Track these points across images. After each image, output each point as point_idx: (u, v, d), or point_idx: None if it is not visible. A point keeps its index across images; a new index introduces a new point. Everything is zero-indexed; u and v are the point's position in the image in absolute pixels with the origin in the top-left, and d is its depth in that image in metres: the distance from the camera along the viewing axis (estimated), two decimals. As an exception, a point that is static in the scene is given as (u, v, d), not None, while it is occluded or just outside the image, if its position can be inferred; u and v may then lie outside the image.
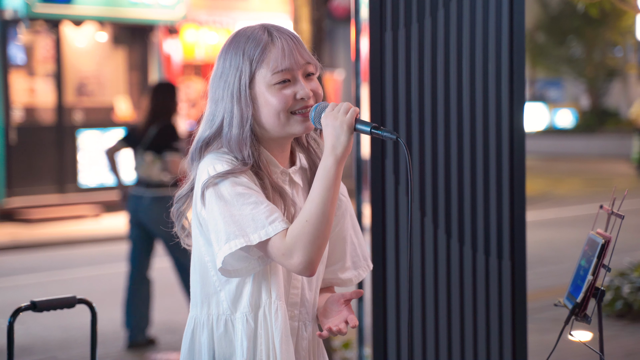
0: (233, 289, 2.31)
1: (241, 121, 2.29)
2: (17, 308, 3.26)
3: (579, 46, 32.40)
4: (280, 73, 2.28)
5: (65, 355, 6.84)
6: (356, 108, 2.24)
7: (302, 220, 2.19)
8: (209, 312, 2.33)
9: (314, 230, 2.18)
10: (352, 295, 2.39)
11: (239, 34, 2.34)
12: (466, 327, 3.62)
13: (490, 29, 3.60)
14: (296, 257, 2.18)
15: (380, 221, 3.60)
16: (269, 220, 2.19)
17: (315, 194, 2.20)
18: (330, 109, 2.24)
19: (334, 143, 2.21)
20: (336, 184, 2.22)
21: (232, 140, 2.29)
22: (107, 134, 15.25)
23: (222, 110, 2.31)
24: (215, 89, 2.34)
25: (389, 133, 2.22)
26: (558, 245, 11.54)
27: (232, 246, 2.19)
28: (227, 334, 2.32)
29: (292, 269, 2.21)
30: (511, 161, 3.59)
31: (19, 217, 13.90)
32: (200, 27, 16.48)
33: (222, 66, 2.33)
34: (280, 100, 2.28)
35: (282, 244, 2.18)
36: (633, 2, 9.67)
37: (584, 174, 21.95)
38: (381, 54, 3.61)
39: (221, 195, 2.22)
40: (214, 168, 2.25)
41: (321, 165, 2.22)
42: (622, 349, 6.58)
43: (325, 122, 2.23)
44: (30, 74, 14.80)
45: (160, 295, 9.00)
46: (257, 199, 2.22)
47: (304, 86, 2.30)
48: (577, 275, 2.77)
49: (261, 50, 2.28)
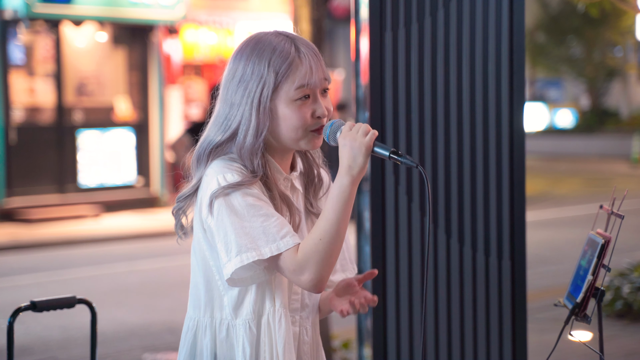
0: (235, 296, 2.30)
1: (257, 131, 2.27)
2: (17, 308, 3.26)
3: (579, 46, 32.41)
4: (302, 89, 2.28)
5: (65, 355, 6.84)
6: (375, 131, 2.24)
7: (315, 238, 2.19)
8: (212, 315, 2.33)
9: (327, 249, 2.18)
10: (365, 276, 2.40)
11: (263, 42, 2.31)
12: (466, 327, 3.62)
13: (490, 29, 3.60)
14: (307, 275, 2.18)
15: (380, 221, 3.60)
16: (280, 235, 2.19)
17: (329, 213, 2.20)
18: (348, 129, 2.24)
19: (351, 164, 2.20)
20: (350, 204, 2.21)
21: (245, 149, 2.27)
22: (107, 134, 15.26)
23: (238, 116, 2.29)
24: (231, 92, 2.31)
25: (409, 160, 2.22)
26: (558, 245, 11.54)
27: (244, 259, 2.19)
28: (229, 338, 2.31)
29: (301, 284, 2.21)
30: (511, 161, 3.59)
31: (19, 217, 13.90)
32: (200, 27, 16.48)
33: (243, 71, 2.30)
34: (300, 118, 2.28)
35: (293, 260, 2.18)
36: (633, 2, 9.67)
37: (584, 174, 21.96)
38: (381, 54, 3.60)
39: (232, 205, 2.21)
40: (224, 177, 2.23)
41: (336, 185, 2.22)
42: (622, 349, 6.58)
43: (343, 142, 2.22)
44: (30, 74, 14.80)
45: (160, 295, 9.00)
46: (267, 211, 2.22)
47: (321, 105, 2.30)
48: (577, 275, 2.77)
49: (288, 64, 2.27)
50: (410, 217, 3.59)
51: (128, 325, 7.69)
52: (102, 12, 14.83)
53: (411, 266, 3.60)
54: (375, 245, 3.61)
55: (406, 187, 3.59)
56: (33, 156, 14.35)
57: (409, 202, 3.59)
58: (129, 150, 15.53)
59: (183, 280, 9.60)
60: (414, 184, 3.60)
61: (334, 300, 2.43)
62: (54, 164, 14.61)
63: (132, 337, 7.31)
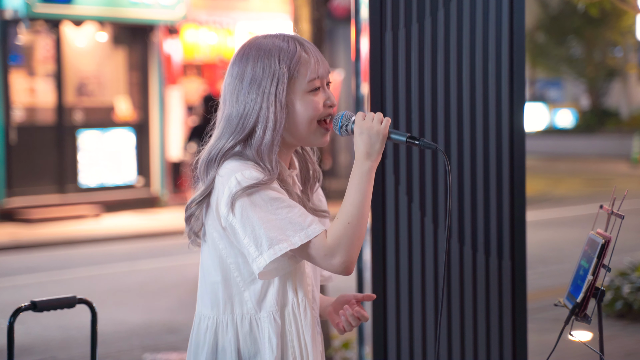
0: (258, 289, 2.36)
1: (275, 127, 2.34)
2: (17, 308, 3.26)
3: (579, 46, 32.40)
4: (314, 81, 2.37)
5: (65, 355, 6.84)
6: (389, 118, 2.36)
7: (343, 222, 2.27)
8: (232, 312, 2.38)
9: (356, 231, 2.27)
10: (364, 297, 2.49)
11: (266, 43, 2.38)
12: (466, 327, 3.62)
13: (490, 29, 3.60)
14: (339, 257, 2.26)
15: (380, 221, 3.60)
16: (306, 223, 2.27)
17: (354, 198, 2.29)
18: (362, 118, 2.34)
19: (369, 150, 2.31)
20: (370, 188, 2.31)
21: (264, 146, 2.33)
22: (107, 134, 15.26)
23: (254, 115, 2.34)
24: (243, 94, 2.36)
25: (428, 143, 2.34)
26: (558, 245, 11.54)
27: (277, 251, 2.25)
28: (252, 332, 2.37)
29: (332, 269, 2.28)
30: (511, 161, 3.59)
31: (19, 217, 13.90)
32: (200, 27, 16.47)
33: (252, 71, 2.35)
34: (315, 107, 2.37)
35: (324, 245, 2.26)
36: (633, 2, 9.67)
37: (584, 174, 21.96)
38: (381, 54, 3.61)
39: (255, 201, 2.27)
40: (243, 175, 2.29)
41: (357, 171, 2.31)
42: (622, 349, 6.58)
43: (360, 130, 2.32)
44: (30, 74, 14.80)
45: (160, 295, 9.00)
46: (290, 202, 2.30)
47: (330, 94, 2.41)
48: (577, 275, 2.77)
49: (298, 58, 2.36)
50: (410, 217, 3.59)
51: (128, 325, 7.69)
52: (103, 12, 14.83)
53: (411, 266, 3.60)
54: (375, 245, 3.61)
55: (406, 187, 3.59)
56: (33, 156, 14.36)
57: (409, 202, 3.59)
58: (129, 150, 15.53)
59: (183, 280, 9.61)
60: (414, 184, 3.60)
61: (332, 314, 2.55)
62: (54, 164, 14.61)
63: (132, 337, 7.31)
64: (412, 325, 3.62)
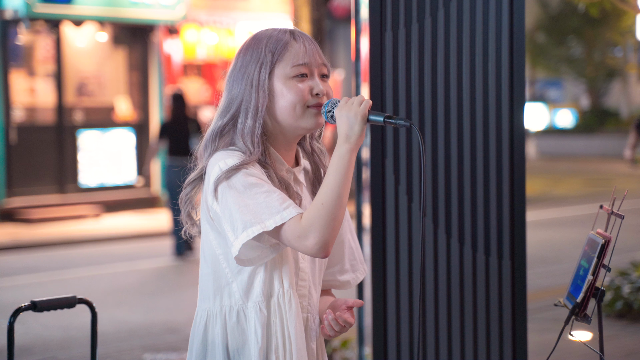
0: (245, 279, 2.37)
1: (256, 110, 2.36)
2: (17, 308, 3.26)
3: (579, 46, 32.38)
4: (299, 67, 2.38)
5: (65, 355, 6.84)
6: (369, 100, 2.34)
7: (317, 204, 2.26)
8: (221, 303, 2.39)
9: (330, 212, 2.25)
10: (354, 303, 2.47)
11: (260, 34, 2.44)
12: (466, 327, 3.62)
13: (490, 29, 3.60)
14: (312, 238, 2.24)
15: (380, 221, 3.60)
16: (283, 206, 2.26)
17: (330, 179, 2.28)
18: (344, 102, 2.34)
19: (348, 132, 2.30)
20: (349, 171, 2.29)
21: (246, 129, 2.36)
22: (107, 134, 15.26)
23: (238, 99, 2.39)
24: (233, 82, 2.41)
25: (402, 120, 2.32)
26: (558, 245, 11.54)
27: (250, 233, 2.25)
28: (239, 323, 2.38)
29: (307, 250, 2.27)
30: (511, 161, 3.59)
31: (19, 217, 13.90)
32: (200, 27, 16.47)
33: (242, 61, 2.41)
34: (298, 93, 2.37)
35: (298, 226, 2.25)
36: (633, 2, 9.67)
37: (584, 174, 21.96)
38: (381, 54, 3.61)
39: (234, 186, 2.29)
40: (225, 163, 2.31)
41: (335, 153, 2.30)
42: (622, 349, 6.58)
43: (340, 114, 2.32)
44: (30, 74, 14.80)
45: (160, 295, 9.01)
46: (269, 187, 2.30)
47: (319, 83, 2.40)
48: (577, 275, 2.77)
49: (283, 45, 2.39)
50: (410, 217, 3.59)
51: (128, 325, 7.69)
52: (103, 12, 14.83)
53: (411, 266, 3.60)
54: (375, 245, 3.61)
55: (406, 187, 3.59)
56: (33, 156, 14.35)
57: (409, 202, 3.59)
58: (129, 150, 15.53)
59: (183, 280, 9.61)
60: (414, 184, 3.60)
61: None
62: (54, 164, 14.61)
63: (133, 337, 7.31)
64: (412, 325, 3.62)
